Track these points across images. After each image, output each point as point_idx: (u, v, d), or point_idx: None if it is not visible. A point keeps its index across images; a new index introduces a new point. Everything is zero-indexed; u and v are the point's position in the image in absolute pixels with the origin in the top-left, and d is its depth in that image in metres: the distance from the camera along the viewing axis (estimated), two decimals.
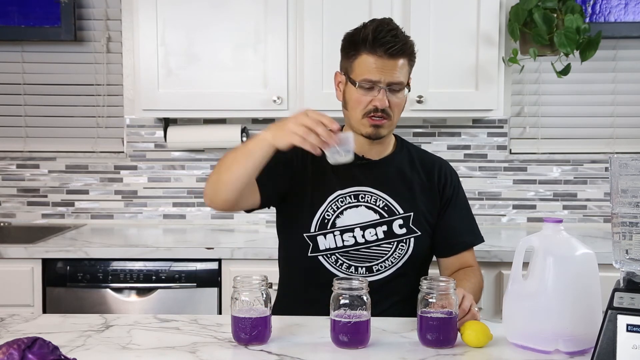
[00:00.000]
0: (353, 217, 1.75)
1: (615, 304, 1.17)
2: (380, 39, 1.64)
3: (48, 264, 2.44)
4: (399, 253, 1.75)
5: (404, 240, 1.76)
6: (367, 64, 1.66)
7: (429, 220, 1.80)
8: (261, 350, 1.34)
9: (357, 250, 1.74)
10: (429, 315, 1.35)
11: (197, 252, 2.44)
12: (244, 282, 1.39)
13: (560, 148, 3.00)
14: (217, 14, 2.61)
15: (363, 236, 1.74)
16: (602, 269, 1.34)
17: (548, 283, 1.30)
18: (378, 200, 1.76)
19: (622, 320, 1.16)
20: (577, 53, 2.62)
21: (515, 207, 2.99)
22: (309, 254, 1.74)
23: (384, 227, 1.75)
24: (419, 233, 1.77)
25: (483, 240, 1.88)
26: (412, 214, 1.77)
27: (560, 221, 1.35)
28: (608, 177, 1.55)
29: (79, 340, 1.39)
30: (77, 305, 2.41)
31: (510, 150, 3.00)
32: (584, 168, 2.98)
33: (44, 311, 2.42)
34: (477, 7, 2.57)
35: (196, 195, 3.02)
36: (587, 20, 2.82)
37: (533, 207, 2.99)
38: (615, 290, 1.19)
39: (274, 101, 2.61)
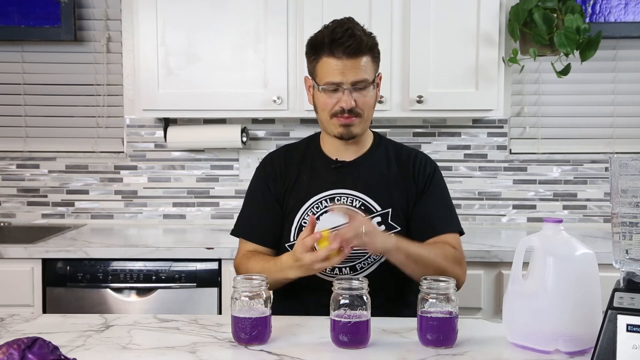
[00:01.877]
0: (330, 221, 1.72)
1: (615, 304, 1.17)
2: (337, 40, 1.65)
3: (48, 264, 2.44)
4: None
5: None
6: (329, 67, 1.68)
7: (407, 214, 1.78)
8: (261, 350, 1.34)
9: None
10: (429, 315, 1.35)
11: (197, 252, 2.44)
12: (244, 282, 1.39)
13: (560, 148, 3.00)
14: (217, 14, 2.61)
15: None
16: (602, 269, 1.34)
17: (548, 283, 1.30)
18: (354, 200, 1.75)
19: (622, 320, 1.16)
20: (577, 53, 2.62)
21: (515, 207, 2.99)
22: None
23: None
24: (399, 229, 1.75)
25: (461, 231, 1.80)
26: (389, 210, 1.75)
27: (560, 221, 1.35)
28: (608, 177, 1.55)
29: (79, 340, 1.39)
30: (77, 305, 2.41)
31: (510, 150, 3.00)
32: (584, 168, 2.98)
33: (44, 311, 2.42)
34: (477, 7, 2.57)
35: (196, 195, 3.02)
36: (587, 20, 2.82)
37: (533, 207, 2.99)
38: (615, 290, 1.19)
39: (274, 101, 2.61)
